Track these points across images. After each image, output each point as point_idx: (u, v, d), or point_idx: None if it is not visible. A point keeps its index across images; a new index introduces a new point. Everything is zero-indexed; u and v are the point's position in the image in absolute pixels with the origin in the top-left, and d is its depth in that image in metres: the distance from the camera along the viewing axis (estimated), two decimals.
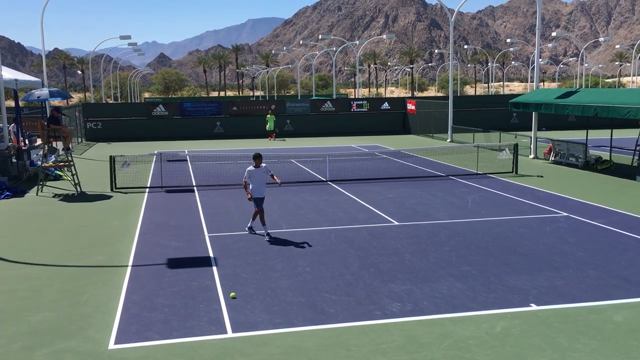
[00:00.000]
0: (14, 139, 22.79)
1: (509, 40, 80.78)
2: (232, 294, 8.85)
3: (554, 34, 58.79)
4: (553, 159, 24.15)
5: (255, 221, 12.51)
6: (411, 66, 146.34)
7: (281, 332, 7.56)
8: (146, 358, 6.91)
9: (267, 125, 35.96)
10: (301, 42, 70.91)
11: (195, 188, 18.59)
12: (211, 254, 11.09)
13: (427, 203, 15.81)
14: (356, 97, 60.47)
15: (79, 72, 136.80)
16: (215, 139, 37.26)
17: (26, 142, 23.26)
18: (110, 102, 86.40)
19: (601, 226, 12.99)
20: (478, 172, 20.86)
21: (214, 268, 10.23)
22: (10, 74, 23.22)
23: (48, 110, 25.68)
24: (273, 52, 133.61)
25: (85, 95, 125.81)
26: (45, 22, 32.23)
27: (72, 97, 32.68)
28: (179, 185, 18.92)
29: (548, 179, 19.84)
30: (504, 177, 20.15)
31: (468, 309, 8.28)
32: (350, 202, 16.06)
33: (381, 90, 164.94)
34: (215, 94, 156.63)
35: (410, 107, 39.75)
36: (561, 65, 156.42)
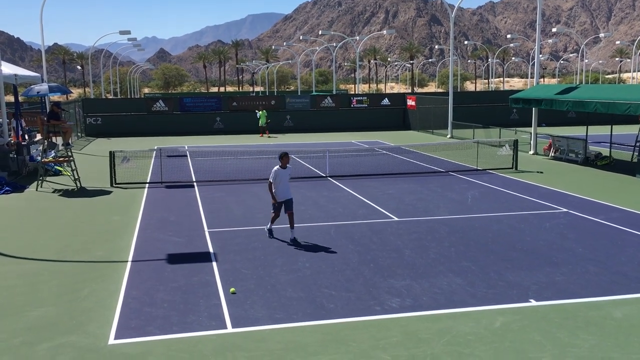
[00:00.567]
0: (14, 134, 22.77)
1: (509, 36, 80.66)
2: (232, 289, 8.86)
3: (554, 29, 58.68)
4: (553, 155, 24.15)
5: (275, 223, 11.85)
6: (411, 62, 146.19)
7: (281, 328, 7.57)
8: (146, 353, 6.92)
9: (260, 122, 35.27)
10: (301, 38, 70.82)
11: (195, 184, 18.58)
12: (211, 250, 11.10)
13: (427, 199, 15.81)
14: (356, 92, 60.43)
15: (79, 67, 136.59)
16: (215, 134, 37.23)
17: (25, 137, 23.24)
18: (110, 97, 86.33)
19: (601, 222, 12.99)
20: (478, 168, 20.86)
21: (214, 263, 10.24)
22: (9, 69, 23.19)
23: (48, 106, 25.67)
24: (273, 47, 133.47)
25: (84, 90, 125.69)
26: (44, 17, 32.17)
27: (71, 93, 32.62)
28: (178, 180, 18.92)
29: (548, 175, 19.84)
30: (504, 173, 20.15)
31: (467, 304, 8.29)
32: (350, 197, 16.06)
33: (381, 86, 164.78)
34: (215, 89, 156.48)
35: (410, 103, 39.71)
36: (561, 61, 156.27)
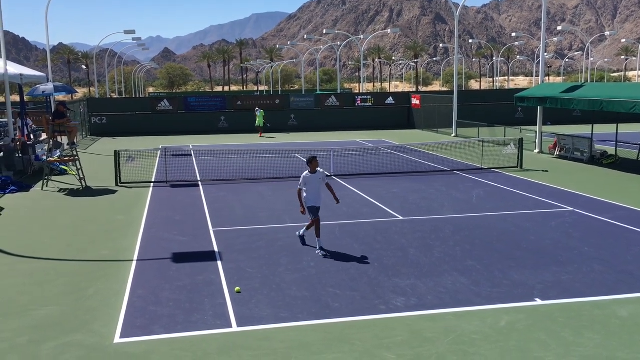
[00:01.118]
0: (20, 133, 22.85)
1: (514, 35, 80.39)
2: (237, 288, 8.87)
3: (559, 28, 58.49)
4: (558, 153, 24.07)
5: (310, 231, 11.11)
6: (416, 61, 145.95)
7: (286, 327, 7.58)
8: (151, 352, 6.94)
9: (257, 121, 34.61)
10: (305, 37, 70.81)
11: (199, 183, 18.61)
12: (216, 249, 11.11)
13: (432, 198, 15.79)
14: (360, 91, 60.41)
15: (84, 66, 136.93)
16: (219, 133, 37.27)
17: (31, 136, 23.33)
18: (115, 97, 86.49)
19: (607, 221, 12.94)
20: (483, 167, 20.82)
21: (219, 262, 10.25)
22: (15, 69, 23.26)
23: (53, 105, 25.75)
24: (277, 46, 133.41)
25: (89, 90, 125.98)
26: (49, 17, 32.27)
27: (76, 92, 32.75)
28: (183, 180, 18.95)
29: (553, 173, 19.78)
30: (509, 171, 20.10)
31: (472, 303, 8.28)
32: (355, 196, 16.05)
33: (385, 85, 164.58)
34: (219, 88, 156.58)
35: (415, 101, 39.65)
36: (567, 60, 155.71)
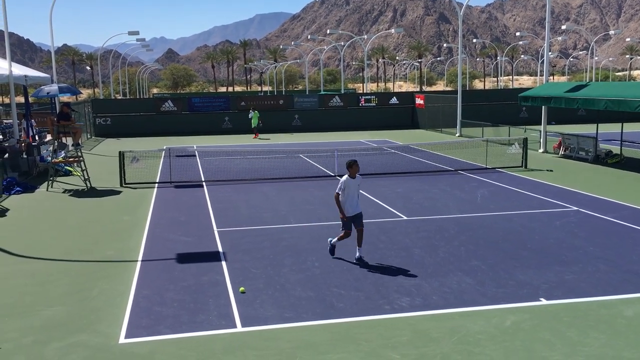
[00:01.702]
0: (24, 134, 22.92)
1: (518, 34, 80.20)
2: (242, 288, 8.88)
3: (563, 27, 58.37)
4: (563, 153, 24.01)
5: (342, 241, 10.39)
6: (419, 60, 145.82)
7: (290, 327, 7.58)
8: (156, 352, 6.95)
9: (252, 123, 34.00)
10: (309, 37, 70.83)
11: (204, 183, 18.63)
12: (220, 249, 11.12)
13: (436, 198, 15.76)
14: (364, 91, 60.37)
15: (88, 68, 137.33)
16: (223, 134, 37.30)
17: (36, 137, 23.40)
18: (119, 97, 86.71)
19: (612, 220, 12.90)
20: (487, 167, 20.78)
21: (223, 263, 10.26)
22: (19, 70, 23.34)
23: (58, 106, 25.82)
24: (281, 47, 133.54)
25: (94, 91, 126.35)
26: (54, 18, 32.36)
27: (81, 93, 32.81)
28: (187, 180, 18.97)
29: (558, 173, 19.73)
30: (514, 171, 20.06)
31: (477, 303, 8.26)
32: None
33: (389, 84, 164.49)
34: (223, 89, 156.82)
35: (419, 101, 39.62)
36: (571, 59, 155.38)
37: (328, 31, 60.15)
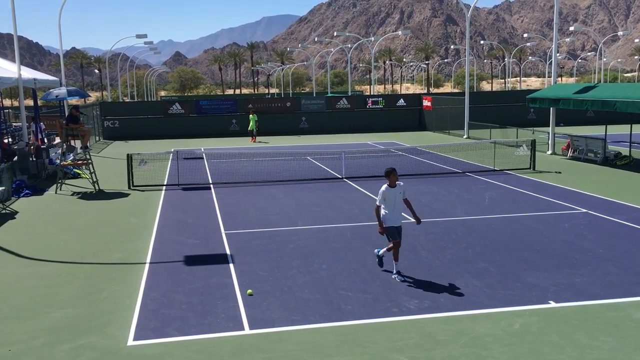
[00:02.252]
0: (33, 137, 23.08)
1: (525, 35, 79.97)
2: (249, 291, 8.89)
3: (571, 28, 58.09)
4: (571, 154, 23.91)
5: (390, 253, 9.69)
6: (427, 62, 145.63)
7: (298, 329, 7.58)
8: (164, 354, 6.98)
9: (250, 126, 33.48)
10: (316, 39, 70.92)
11: (211, 186, 18.68)
12: (228, 251, 11.15)
13: (444, 200, 15.73)
14: (371, 94, 60.34)
15: (96, 71, 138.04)
16: (231, 136, 37.38)
17: (44, 140, 23.55)
18: (127, 100, 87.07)
19: (621, 222, 12.83)
20: (495, 169, 20.72)
21: (231, 265, 10.28)
22: (29, 74, 23.52)
23: (66, 110, 25.98)
24: (288, 49, 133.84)
25: (102, 94, 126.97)
26: (62, 22, 32.57)
27: (89, 96, 32.98)
28: (195, 182, 19.03)
29: (566, 175, 19.65)
30: (522, 173, 19.99)
31: (485, 306, 8.24)
32: (366, 199, 16.03)
33: (397, 86, 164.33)
34: (230, 91, 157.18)
35: (426, 103, 39.56)
36: (579, 60, 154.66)
37: (335, 33, 60.19)
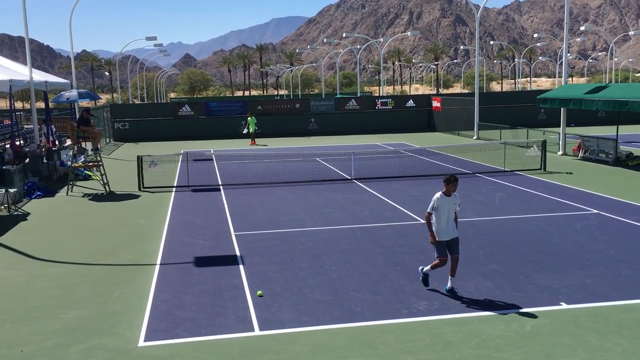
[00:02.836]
0: (45, 139, 23.23)
1: (536, 35, 79.56)
2: (259, 292, 8.90)
3: (582, 28, 57.71)
4: (582, 155, 23.75)
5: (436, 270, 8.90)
6: (436, 63, 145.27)
7: (308, 330, 7.58)
8: (175, 355, 7.00)
9: (250, 129, 32.92)
10: (325, 41, 70.95)
11: (221, 187, 18.73)
12: (238, 253, 11.17)
13: None
14: (381, 94, 60.28)
15: (107, 73, 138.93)
16: (240, 138, 37.45)
17: (56, 142, 23.70)
18: (137, 102, 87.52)
19: (633, 223, 12.72)
20: (505, 170, 20.62)
21: (241, 266, 10.30)
22: (40, 76, 23.68)
23: (77, 112, 26.15)
24: (297, 50, 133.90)
25: (112, 96, 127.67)
26: (73, 25, 32.80)
27: (100, 98, 33.24)
28: (205, 184, 19.09)
29: (577, 175, 19.52)
30: (532, 174, 19.88)
31: (496, 307, 8.20)
32: (376, 200, 16.01)
33: (406, 87, 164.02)
34: (239, 93, 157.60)
35: (436, 104, 39.45)
36: (590, 60, 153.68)
37: (344, 34, 60.19)
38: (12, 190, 16.28)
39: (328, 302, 8.53)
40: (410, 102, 41.39)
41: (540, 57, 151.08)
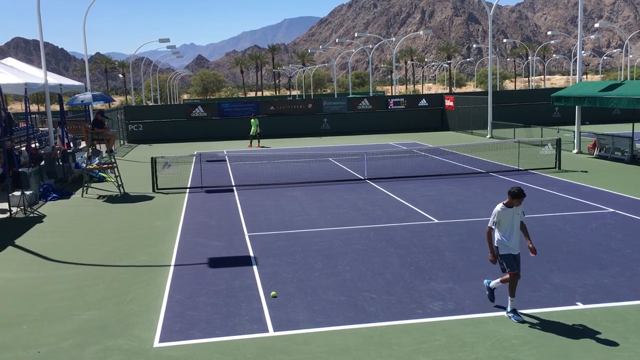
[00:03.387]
0: (60, 142, 23.43)
1: (549, 33, 78.97)
2: (273, 293, 8.91)
3: (596, 25, 57.25)
4: (598, 153, 23.52)
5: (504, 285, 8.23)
6: (449, 62, 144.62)
7: (322, 331, 7.57)
8: (190, 356, 7.02)
9: (251, 130, 32.51)
10: (337, 41, 70.87)
11: (234, 188, 18.78)
12: (251, 253, 11.19)
13: (467, 200, 15.59)
14: (393, 94, 60.10)
15: (120, 75, 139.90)
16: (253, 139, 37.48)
17: (70, 145, 23.91)
18: (151, 104, 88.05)
19: None
20: (519, 168, 20.47)
21: (255, 267, 10.32)
22: (54, 79, 23.90)
23: (92, 114, 26.35)
24: (309, 51, 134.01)
25: (126, 98, 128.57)
26: (87, 28, 33.06)
27: (114, 101, 33.41)
28: (218, 185, 19.15)
29: (593, 174, 19.33)
30: (547, 172, 19.72)
31: None
32: (389, 200, 15.97)
33: (418, 87, 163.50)
34: (252, 94, 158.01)
35: (449, 103, 39.27)
36: (605, 57, 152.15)
37: (356, 34, 60.10)
38: (28, 192, 16.44)
39: (342, 302, 8.52)
40: (423, 102, 41.23)
41: (554, 55, 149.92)
